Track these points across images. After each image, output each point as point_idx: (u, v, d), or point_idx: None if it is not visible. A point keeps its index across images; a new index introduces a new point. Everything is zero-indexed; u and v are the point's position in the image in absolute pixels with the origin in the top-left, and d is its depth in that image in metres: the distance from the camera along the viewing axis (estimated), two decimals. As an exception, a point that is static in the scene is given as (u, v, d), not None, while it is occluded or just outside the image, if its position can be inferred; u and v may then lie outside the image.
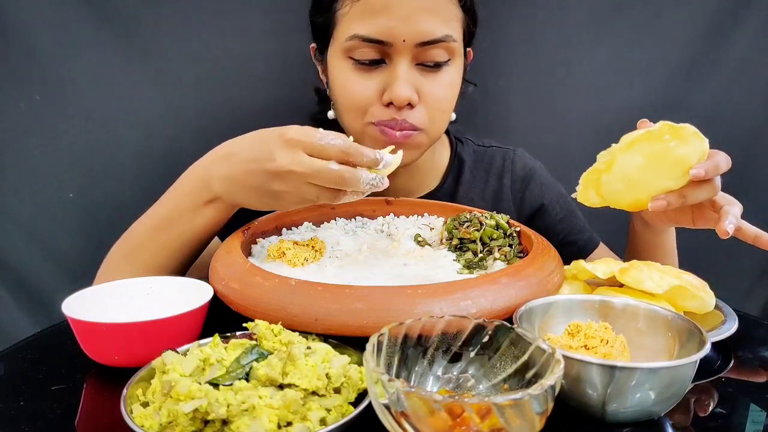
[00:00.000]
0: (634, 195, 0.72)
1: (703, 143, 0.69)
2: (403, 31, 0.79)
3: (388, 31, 0.79)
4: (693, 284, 0.66)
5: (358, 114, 0.85)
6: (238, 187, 0.70)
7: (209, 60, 1.12)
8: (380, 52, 0.82)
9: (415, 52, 0.81)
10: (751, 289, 1.25)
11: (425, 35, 0.80)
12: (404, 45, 0.80)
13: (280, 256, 0.72)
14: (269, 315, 0.57)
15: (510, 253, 0.75)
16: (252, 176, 0.68)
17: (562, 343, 0.55)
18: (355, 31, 0.81)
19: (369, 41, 0.80)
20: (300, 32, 0.96)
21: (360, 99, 0.84)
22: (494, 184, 1.03)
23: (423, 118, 0.84)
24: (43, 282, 1.12)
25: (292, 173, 0.64)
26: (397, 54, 0.81)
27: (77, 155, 1.10)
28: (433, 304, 0.56)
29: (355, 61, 0.83)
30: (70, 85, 1.08)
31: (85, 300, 0.63)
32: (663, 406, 0.51)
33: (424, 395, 0.40)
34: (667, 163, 0.69)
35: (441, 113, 0.86)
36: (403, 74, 0.81)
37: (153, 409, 0.46)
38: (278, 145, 0.65)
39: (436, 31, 0.80)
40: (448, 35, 0.82)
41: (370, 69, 0.83)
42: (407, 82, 0.81)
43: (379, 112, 0.84)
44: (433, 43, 0.81)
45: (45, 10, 1.03)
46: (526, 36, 1.19)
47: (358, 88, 0.84)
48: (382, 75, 0.83)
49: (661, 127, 0.69)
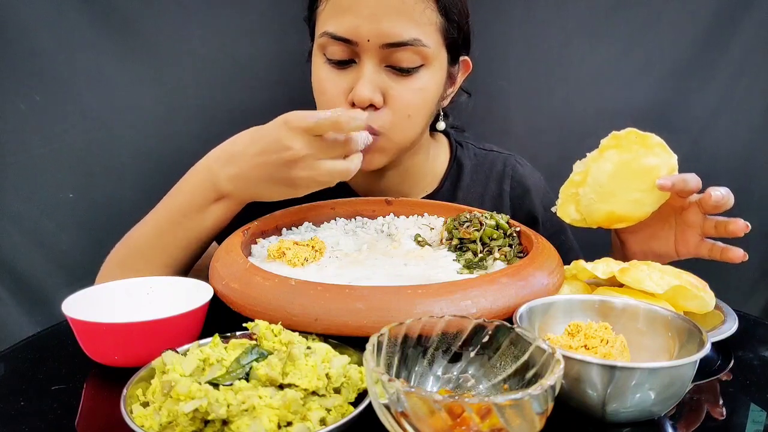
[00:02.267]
0: (607, 206, 0.74)
1: (671, 157, 0.73)
2: (367, 31, 0.79)
3: (353, 29, 0.79)
4: (693, 284, 0.66)
5: None
6: (250, 183, 0.73)
7: (209, 60, 1.12)
8: (349, 51, 0.82)
9: (383, 53, 0.81)
10: (751, 289, 1.25)
11: (390, 36, 0.79)
12: (369, 45, 0.80)
13: (280, 256, 0.72)
14: (269, 315, 0.57)
15: (510, 253, 0.75)
16: (264, 169, 0.71)
17: (562, 343, 0.55)
18: (325, 28, 0.82)
19: (336, 39, 0.81)
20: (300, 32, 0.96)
21: (329, 97, 0.84)
22: (494, 188, 1.02)
23: (386, 123, 0.83)
24: (43, 282, 1.12)
25: (308, 156, 0.69)
26: (364, 54, 0.81)
27: (77, 155, 1.10)
28: (433, 304, 0.56)
29: (328, 59, 0.84)
30: (70, 86, 1.07)
31: (85, 300, 0.63)
32: (663, 406, 0.51)
33: (424, 395, 0.40)
34: (634, 171, 0.72)
35: (406, 119, 0.84)
36: (367, 74, 0.80)
37: (153, 409, 0.46)
38: (287, 134, 0.69)
39: (403, 34, 0.79)
40: (416, 39, 0.80)
41: (340, 68, 0.83)
42: (370, 83, 0.80)
43: None
44: (400, 46, 0.80)
45: (45, 10, 1.03)
46: (526, 36, 1.18)
47: (327, 86, 0.84)
48: (352, 74, 0.83)
49: (628, 134, 0.71)
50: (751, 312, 0.77)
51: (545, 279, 0.64)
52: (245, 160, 0.72)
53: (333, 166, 0.70)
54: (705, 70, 1.18)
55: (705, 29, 1.16)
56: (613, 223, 0.76)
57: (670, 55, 1.18)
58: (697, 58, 1.17)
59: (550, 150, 1.21)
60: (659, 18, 1.16)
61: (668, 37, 1.17)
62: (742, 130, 1.20)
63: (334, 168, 0.70)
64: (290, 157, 0.69)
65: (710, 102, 1.19)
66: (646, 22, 1.16)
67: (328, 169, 0.70)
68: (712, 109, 1.19)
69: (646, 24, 1.17)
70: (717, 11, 1.15)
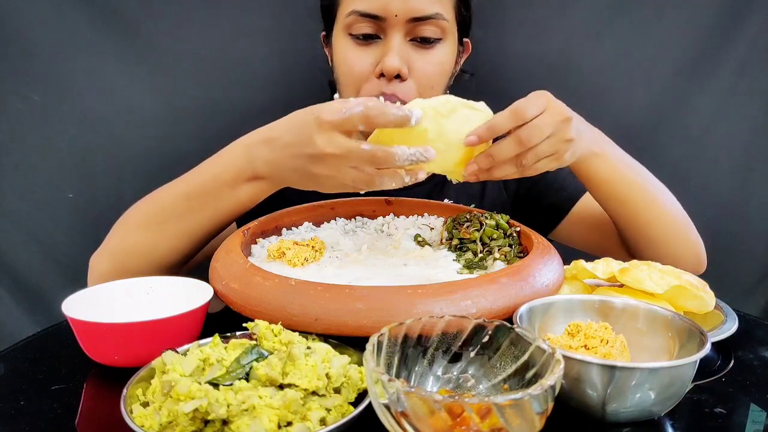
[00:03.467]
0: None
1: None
2: (396, 7, 0.85)
3: (382, 6, 0.86)
4: (693, 284, 0.66)
5: (354, 89, 0.91)
6: (283, 170, 0.72)
7: (208, 60, 1.12)
8: (376, 27, 0.88)
9: (407, 27, 0.87)
10: (751, 289, 1.25)
11: (417, 11, 0.86)
12: (397, 20, 0.86)
13: (280, 256, 0.72)
14: (269, 315, 0.57)
15: (510, 253, 0.75)
16: (294, 160, 0.69)
17: (562, 343, 0.55)
18: (353, 7, 0.88)
19: (365, 16, 0.87)
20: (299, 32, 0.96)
21: (357, 72, 0.90)
22: None
23: (412, 93, 0.89)
24: (43, 282, 1.12)
25: (330, 156, 0.64)
26: (391, 28, 0.87)
27: (76, 155, 1.10)
28: (433, 304, 0.56)
29: (353, 36, 0.89)
30: (69, 86, 1.08)
31: (85, 300, 0.63)
32: (663, 406, 0.51)
33: (424, 395, 0.40)
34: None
35: (430, 89, 0.90)
36: (395, 46, 0.87)
37: (153, 409, 0.46)
38: (314, 128, 0.66)
39: (427, 8, 0.87)
40: (438, 13, 0.87)
41: (366, 44, 0.89)
42: (398, 54, 0.87)
43: (371, 88, 0.89)
44: (425, 20, 0.87)
45: (44, 10, 1.03)
46: (527, 36, 1.18)
47: (355, 62, 0.90)
48: (377, 49, 0.89)
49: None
50: (751, 312, 0.77)
51: (545, 279, 0.64)
52: (278, 148, 0.71)
53: (357, 175, 0.65)
54: (706, 71, 1.18)
55: (706, 30, 1.16)
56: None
57: (672, 56, 1.18)
58: (698, 59, 1.17)
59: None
60: (660, 18, 1.16)
61: (669, 38, 1.17)
62: (743, 130, 1.20)
63: (358, 176, 0.65)
64: (314, 153, 0.66)
65: (711, 102, 1.19)
66: (647, 23, 1.16)
67: (352, 176, 0.65)
68: (713, 109, 1.19)
69: (648, 24, 1.16)
70: (718, 12, 1.15)
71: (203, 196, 0.77)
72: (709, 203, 1.20)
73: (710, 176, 1.21)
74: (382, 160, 0.63)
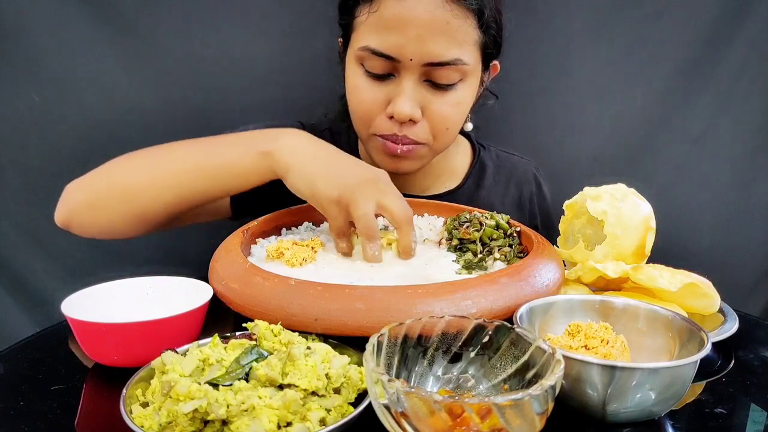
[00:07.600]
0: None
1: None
2: (411, 51, 0.79)
3: (397, 48, 0.80)
4: (703, 282, 0.67)
5: (365, 122, 0.87)
6: (304, 172, 0.73)
7: (208, 60, 1.12)
8: (389, 66, 0.82)
9: (423, 70, 0.82)
10: (752, 289, 1.25)
11: (433, 57, 0.80)
12: (411, 63, 0.80)
13: (278, 256, 0.72)
14: (269, 315, 0.57)
15: (510, 253, 0.75)
16: (322, 166, 0.73)
17: (563, 343, 0.55)
18: (366, 42, 0.82)
19: (378, 54, 0.81)
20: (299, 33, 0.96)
21: (367, 108, 0.85)
22: (514, 192, 1.05)
23: (426, 134, 0.86)
24: (42, 282, 1.12)
25: (331, 216, 0.72)
26: (405, 70, 0.81)
27: (76, 155, 1.10)
28: (433, 304, 0.56)
29: (366, 70, 0.84)
30: (69, 86, 1.07)
31: (85, 300, 0.63)
32: (663, 406, 0.51)
33: (424, 395, 0.40)
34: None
35: (444, 131, 0.87)
36: (407, 90, 0.82)
37: (153, 409, 0.46)
38: (372, 185, 0.71)
39: (445, 54, 0.80)
40: (458, 59, 0.81)
41: (379, 80, 0.84)
42: (410, 99, 0.82)
43: (382, 125, 0.85)
44: (442, 65, 0.81)
45: (44, 10, 1.03)
46: (527, 37, 1.18)
47: (365, 97, 0.85)
48: (390, 87, 0.84)
49: None
50: (751, 312, 0.77)
51: (545, 279, 0.64)
52: (321, 152, 0.74)
53: (337, 234, 0.73)
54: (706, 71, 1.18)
55: (706, 31, 1.16)
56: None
57: (672, 57, 1.18)
58: (698, 59, 1.17)
59: (551, 151, 1.21)
60: (660, 19, 1.16)
61: (669, 38, 1.17)
62: (743, 130, 1.20)
63: (337, 238, 0.74)
64: (336, 197, 0.70)
65: (711, 102, 1.19)
66: (647, 24, 1.16)
67: (335, 230, 0.73)
68: (713, 109, 1.19)
69: (648, 25, 1.16)
70: (718, 12, 1.15)
71: (216, 174, 0.77)
72: (710, 203, 1.20)
73: (710, 176, 1.21)
74: (371, 238, 0.71)
